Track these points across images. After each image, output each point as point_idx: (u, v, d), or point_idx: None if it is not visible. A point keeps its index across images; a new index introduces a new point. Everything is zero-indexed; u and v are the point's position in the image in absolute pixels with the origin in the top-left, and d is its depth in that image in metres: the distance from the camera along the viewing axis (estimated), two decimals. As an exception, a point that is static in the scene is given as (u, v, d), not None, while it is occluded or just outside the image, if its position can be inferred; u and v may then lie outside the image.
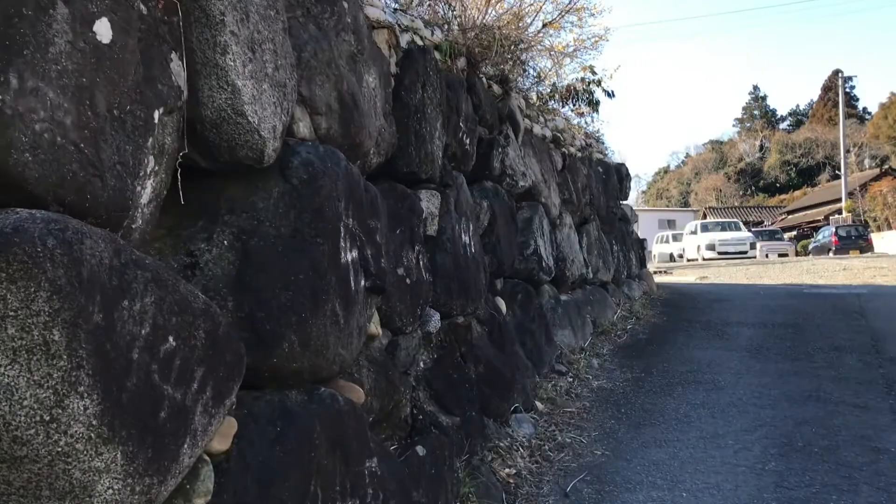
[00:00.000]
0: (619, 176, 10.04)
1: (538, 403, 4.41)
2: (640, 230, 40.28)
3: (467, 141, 4.29)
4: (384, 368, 2.84)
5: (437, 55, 3.98)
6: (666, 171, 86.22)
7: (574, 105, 10.53)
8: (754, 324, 7.23)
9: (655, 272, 18.24)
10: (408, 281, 3.17)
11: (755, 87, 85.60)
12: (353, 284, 2.45)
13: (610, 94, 10.66)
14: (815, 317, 7.55)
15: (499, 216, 4.61)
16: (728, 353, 6.03)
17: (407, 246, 3.23)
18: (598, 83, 10.56)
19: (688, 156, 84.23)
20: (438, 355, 3.42)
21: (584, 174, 7.93)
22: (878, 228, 36.90)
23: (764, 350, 6.08)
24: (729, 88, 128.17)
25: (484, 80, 4.99)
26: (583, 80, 10.01)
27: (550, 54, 11.06)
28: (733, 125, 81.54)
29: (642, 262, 10.36)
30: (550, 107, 9.97)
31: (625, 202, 10.55)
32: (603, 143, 9.92)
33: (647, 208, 71.26)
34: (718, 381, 5.16)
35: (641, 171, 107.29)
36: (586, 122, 10.49)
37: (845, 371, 5.34)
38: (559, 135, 7.10)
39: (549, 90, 10.20)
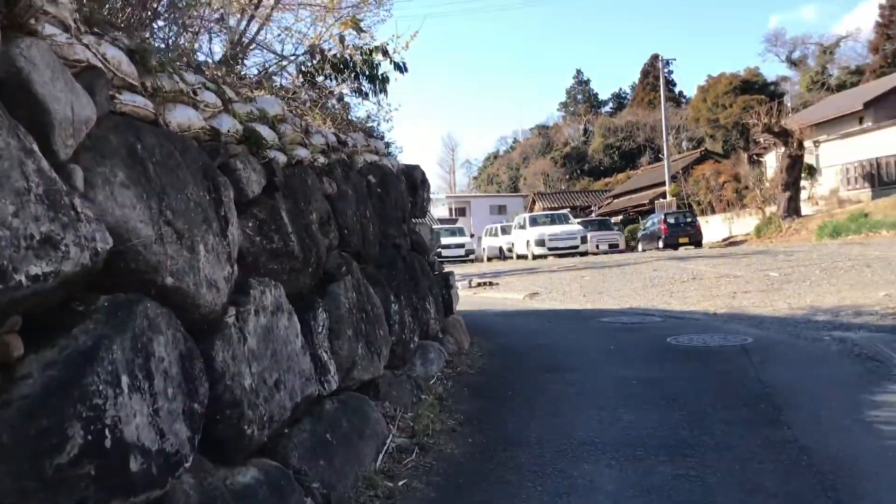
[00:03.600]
0: (410, 185, 6.85)
1: None
2: (473, 217, 38.91)
3: None
4: None
5: None
6: (496, 156, 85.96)
7: (353, 82, 7.27)
8: (616, 448, 4.21)
9: (479, 284, 15.45)
10: None
11: (578, 72, 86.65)
12: None
13: (402, 68, 7.47)
14: (704, 417, 4.66)
15: None
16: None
17: None
18: (385, 52, 7.34)
19: (516, 141, 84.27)
20: None
21: (330, 193, 4.63)
22: (703, 213, 36.71)
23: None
24: (553, 73, 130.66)
25: None
26: (341, 40, 6.75)
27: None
28: (558, 109, 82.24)
29: (448, 308, 7.20)
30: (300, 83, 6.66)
31: (422, 220, 7.37)
32: (381, 138, 6.68)
33: (478, 194, 70.20)
34: None
35: (472, 156, 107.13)
36: (367, 109, 7.25)
37: None
38: (258, 130, 3.72)
39: (318, 61, 6.91)
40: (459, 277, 16.21)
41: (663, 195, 41.00)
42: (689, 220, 30.61)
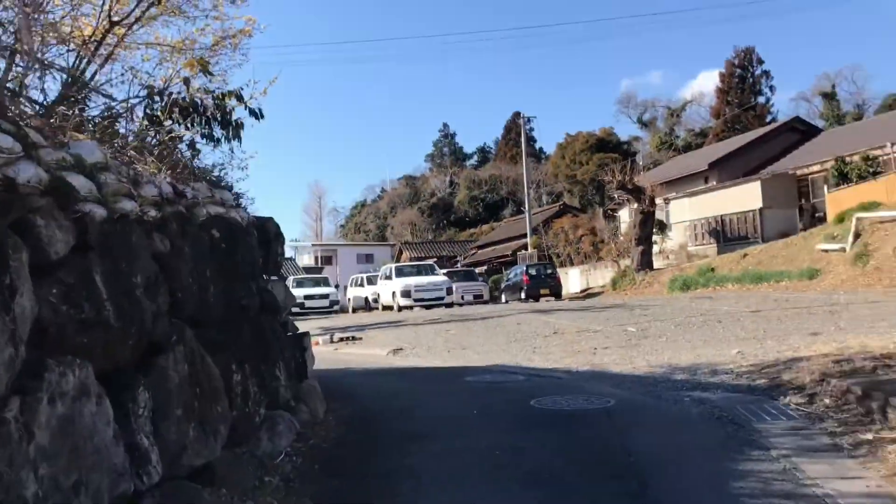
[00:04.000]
0: (262, 239, 6.36)
1: None
2: (340, 266, 38.24)
3: None
4: None
5: None
6: (363, 204, 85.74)
7: (203, 127, 6.72)
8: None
9: (342, 339, 14.91)
10: None
11: (445, 125, 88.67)
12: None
13: (258, 115, 7.00)
14: (571, 493, 4.36)
15: None
16: None
17: None
18: (239, 97, 6.87)
19: (383, 190, 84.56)
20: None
21: (162, 251, 4.10)
22: (562, 265, 37.73)
23: None
24: (421, 125, 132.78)
25: None
26: (186, 82, 6.26)
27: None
28: (425, 160, 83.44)
29: (302, 372, 6.68)
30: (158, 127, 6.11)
31: (275, 277, 6.86)
32: (230, 188, 6.18)
33: (345, 243, 69.54)
34: None
35: (340, 203, 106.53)
36: (219, 157, 6.73)
37: None
38: (69, 179, 3.19)
39: (163, 104, 6.33)
40: (321, 332, 15.61)
41: (525, 247, 41.98)
42: (549, 271, 31.33)
